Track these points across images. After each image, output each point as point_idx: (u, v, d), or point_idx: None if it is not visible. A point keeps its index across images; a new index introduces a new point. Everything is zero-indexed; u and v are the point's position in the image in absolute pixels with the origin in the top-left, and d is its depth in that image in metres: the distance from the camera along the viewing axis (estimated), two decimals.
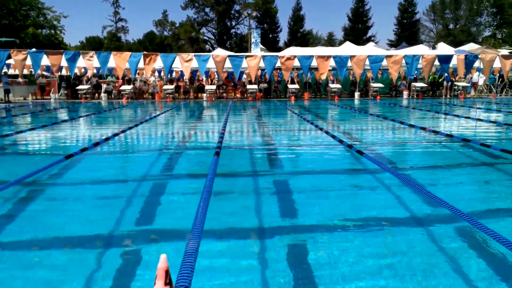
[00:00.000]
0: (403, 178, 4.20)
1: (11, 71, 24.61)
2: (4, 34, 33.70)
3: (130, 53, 19.52)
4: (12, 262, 2.69)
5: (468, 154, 6.42)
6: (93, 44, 55.40)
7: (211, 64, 20.39)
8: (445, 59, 20.35)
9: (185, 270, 1.76)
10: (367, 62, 20.07)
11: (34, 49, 19.66)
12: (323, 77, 20.82)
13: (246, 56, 20.15)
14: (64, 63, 19.67)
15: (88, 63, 19.24)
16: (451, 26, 58.72)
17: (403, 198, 4.03)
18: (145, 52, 19.86)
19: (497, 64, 21.28)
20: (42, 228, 3.31)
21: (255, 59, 19.92)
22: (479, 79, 23.97)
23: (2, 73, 20.66)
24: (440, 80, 24.03)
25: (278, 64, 20.17)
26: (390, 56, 20.31)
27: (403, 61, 20.02)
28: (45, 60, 19.70)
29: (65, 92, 22.73)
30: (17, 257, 2.78)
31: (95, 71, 22.62)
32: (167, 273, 1.49)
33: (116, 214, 3.55)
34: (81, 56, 19.15)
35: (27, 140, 8.07)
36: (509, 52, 21.69)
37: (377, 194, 4.26)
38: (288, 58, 19.98)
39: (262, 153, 6.63)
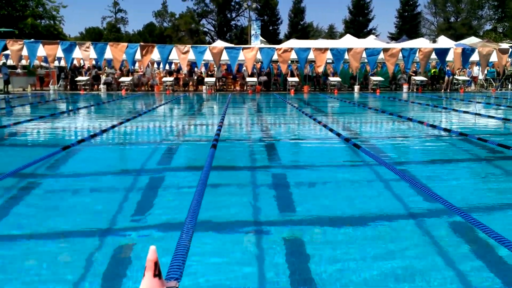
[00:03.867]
0: (399, 172, 4.21)
1: (10, 62, 24.46)
2: (3, 25, 33.36)
3: (126, 44, 19.38)
4: (8, 254, 2.70)
5: (465, 148, 6.43)
6: (92, 35, 55.02)
7: (209, 57, 20.26)
8: (442, 52, 20.18)
9: (177, 262, 1.77)
10: (364, 55, 19.94)
11: (32, 40, 19.51)
12: (320, 69, 20.73)
13: (243, 48, 20.00)
14: (60, 53, 19.54)
15: (85, 54, 19.11)
16: (452, 19, 58.36)
17: (399, 192, 4.05)
18: (141, 43, 19.73)
19: (494, 58, 21.10)
20: (38, 219, 3.32)
21: (252, 51, 19.77)
22: (479, 73, 23.87)
23: (1, 64, 20.54)
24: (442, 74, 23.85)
25: (276, 56, 20.05)
26: (387, 49, 20.16)
27: (400, 54, 19.88)
28: (42, 51, 19.57)
29: (64, 83, 22.64)
30: (13, 249, 2.79)
31: (93, 62, 22.51)
32: (156, 264, 1.50)
33: (110, 206, 3.56)
34: (77, 47, 19.02)
35: (25, 131, 8.06)
36: (510, 46, 21.46)
37: (373, 188, 4.28)
38: (285, 50, 19.83)
39: (260, 146, 6.63)
